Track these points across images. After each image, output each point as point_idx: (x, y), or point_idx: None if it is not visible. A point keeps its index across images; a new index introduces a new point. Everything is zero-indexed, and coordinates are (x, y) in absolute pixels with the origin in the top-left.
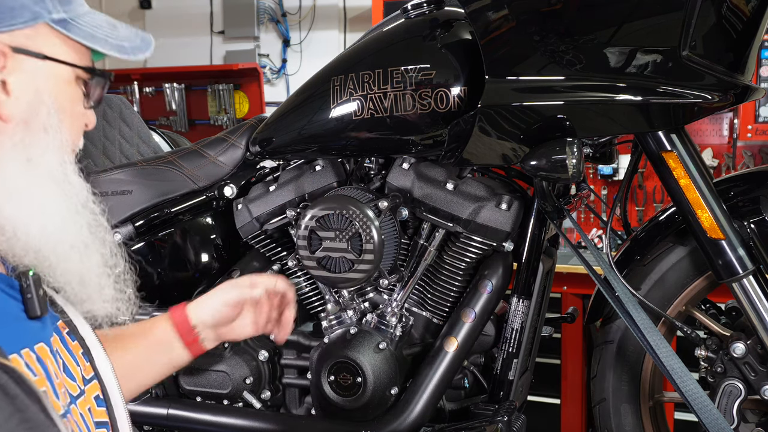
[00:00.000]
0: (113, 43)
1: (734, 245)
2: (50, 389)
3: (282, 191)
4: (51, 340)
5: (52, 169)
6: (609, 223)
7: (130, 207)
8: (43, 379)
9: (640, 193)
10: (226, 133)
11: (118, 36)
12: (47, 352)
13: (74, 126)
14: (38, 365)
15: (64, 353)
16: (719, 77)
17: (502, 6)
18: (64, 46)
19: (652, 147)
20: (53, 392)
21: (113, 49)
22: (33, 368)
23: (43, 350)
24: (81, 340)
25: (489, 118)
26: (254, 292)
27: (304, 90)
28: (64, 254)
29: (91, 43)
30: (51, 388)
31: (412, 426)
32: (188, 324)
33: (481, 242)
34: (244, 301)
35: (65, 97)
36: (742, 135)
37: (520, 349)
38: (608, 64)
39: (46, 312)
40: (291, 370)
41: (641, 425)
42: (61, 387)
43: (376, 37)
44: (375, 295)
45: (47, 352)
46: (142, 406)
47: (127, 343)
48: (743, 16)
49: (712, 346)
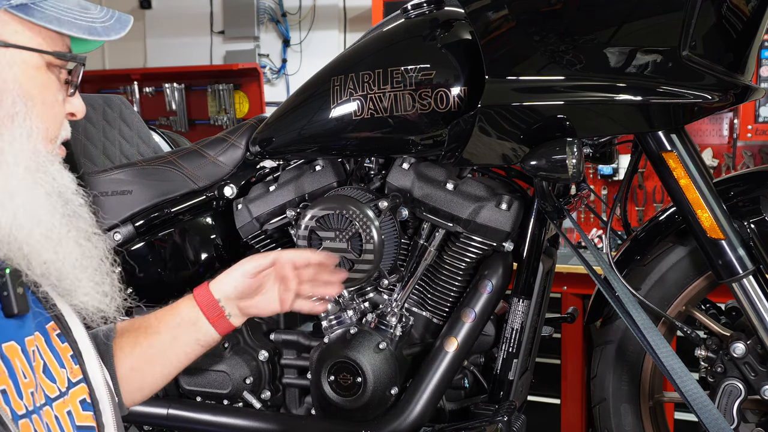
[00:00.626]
0: (82, 24)
1: (734, 245)
2: (12, 388)
3: (282, 191)
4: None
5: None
6: (609, 223)
7: (130, 207)
8: (4, 377)
9: (640, 193)
10: (226, 133)
11: (89, 18)
12: (17, 351)
13: (49, 114)
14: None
15: (47, 354)
16: (719, 77)
17: (502, 6)
18: (28, 32)
19: (652, 147)
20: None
21: (82, 30)
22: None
23: (12, 349)
24: (73, 342)
25: (489, 118)
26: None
27: (304, 90)
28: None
29: (56, 27)
30: (14, 387)
31: (412, 426)
32: (212, 299)
33: (481, 242)
34: (262, 269)
35: (34, 83)
36: (742, 135)
37: (520, 349)
38: (608, 64)
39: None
40: (291, 370)
41: (641, 425)
42: (29, 387)
43: (376, 37)
44: (375, 295)
45: (17, 351)
46: (142, 406)
47: (155, 327)
48: (743, 16)
49: (712, 346)
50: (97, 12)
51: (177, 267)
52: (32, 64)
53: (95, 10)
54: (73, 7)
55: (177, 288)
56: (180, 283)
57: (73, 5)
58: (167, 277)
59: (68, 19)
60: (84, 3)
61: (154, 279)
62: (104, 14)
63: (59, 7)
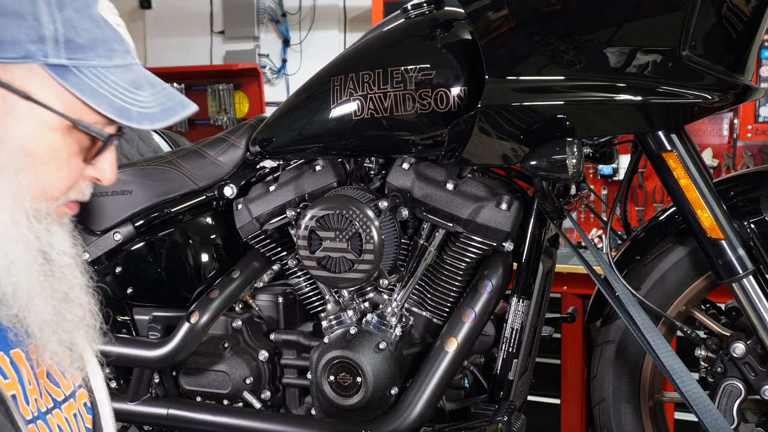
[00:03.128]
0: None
1: (734, 245)
2: (21, 394)
3: (282, 191)
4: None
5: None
6: (609, 223)
7: (130, 207)
8: (15, 383)
9: (640, 193)
10: (226, 133)
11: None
12: (22, 358)
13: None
14: (11, 369)
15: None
16: (719, 77)
17: (502, 6)
18: (58, 92)
19: (652, 147)
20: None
21: (113, 110)
22: (6, 372)
23: (18, 356)
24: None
25: (489, 118)
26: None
27: (304, 90)
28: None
29: (86, 98)
30: (22, 392)
31: (412, 426)
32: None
33: (481, 242)
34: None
35: (42, 143)
36: (742, 135)
37: (520, 349)
38: (608, 64)
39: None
40: (291, 370)
41: (641, 425)
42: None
43: (376, 37)
44: (375, 295)
45: (22, 358)
46: (142, 406)
47: None
48: (743, 16)
49: (712, 346)
50: (146, 95)
51: (177, 267)
52: (48, 124)
53: (146, 93)
54: (121, 81)
55: (177, 288)
56: (180, 283)
57: (125, 80)
58: (167, 277)
59: (105, 93)
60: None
61: (154, 279)
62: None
63: (104, 77)
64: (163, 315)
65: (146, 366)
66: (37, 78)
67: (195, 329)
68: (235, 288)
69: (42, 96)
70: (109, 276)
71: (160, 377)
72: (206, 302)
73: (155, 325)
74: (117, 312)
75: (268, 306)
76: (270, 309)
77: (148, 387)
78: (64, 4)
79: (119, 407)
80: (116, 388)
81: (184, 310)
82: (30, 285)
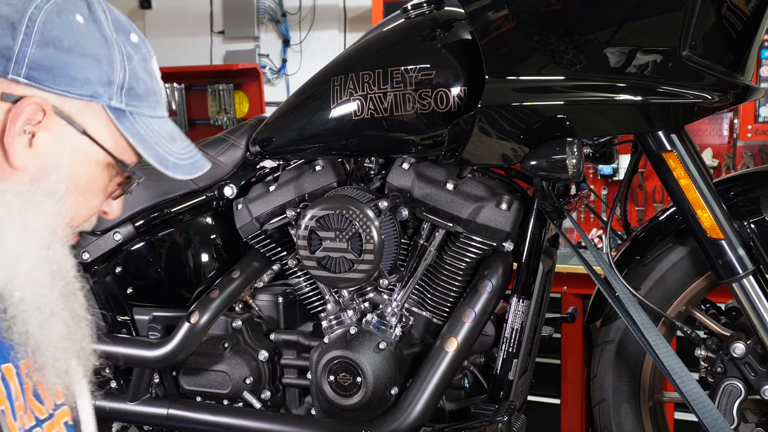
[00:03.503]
0: (158, 152)
1: (734, 245)
2: (9, 409)
3: (282, 191)
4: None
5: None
6: (609, 223)
7: (130, 207)
8: (3, 398)
9: (640, 193)
10: (226, 133)
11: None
12: (12, 372)
13: (84, 205)
14: (1, 384)
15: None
16: (719, 77)
17: (502, 6)
18: (110, 132)
19: (652, 147)
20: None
21: (155, 157)
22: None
23: (8, 370)
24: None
25: (489, 118)
26: None
27: (304, 90)
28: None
29: (135, 143)
30: (10, 408)
31: (412, 426)
32: None
33: (481, 242)
34: None
35: (85, 175)
36: (742, 135)
37: (520, 349)
38: (608, 64)
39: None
40: (291, 370)
41: (641, 425)
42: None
43: (376, 37)
44: (375, 295)
45: (12, 373)
46: (142, 406)
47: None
48: (743, 16)
49: (712, 346)
50: (179, 147)
51: (177, 267)
52: (94, 158)
53: (179, 145)
54: (162, 132)
55: (176, 288)
56: (180, 283)
57: (164, 131)
58: (167, 277)
59: (150, 140)
60: (176, 133)
61: (154, 279)
62: (185, 152)
63: (150, 127)
64: (163, 315)
65: (146, 366)
66: (95, 116)
67: (195, 329)
68: (235, 288)
69: (95, 132)
70: (109, 276)
71: (160, 377)
72: (206, 302)
73: (155, 325)
74: (117, 312)
75: (268, 306)
76: (270, 309)
77: (148, 387)
78: (131, 56)
79: (119, 407)
80: (116, 388)
81: (184, 310)
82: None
